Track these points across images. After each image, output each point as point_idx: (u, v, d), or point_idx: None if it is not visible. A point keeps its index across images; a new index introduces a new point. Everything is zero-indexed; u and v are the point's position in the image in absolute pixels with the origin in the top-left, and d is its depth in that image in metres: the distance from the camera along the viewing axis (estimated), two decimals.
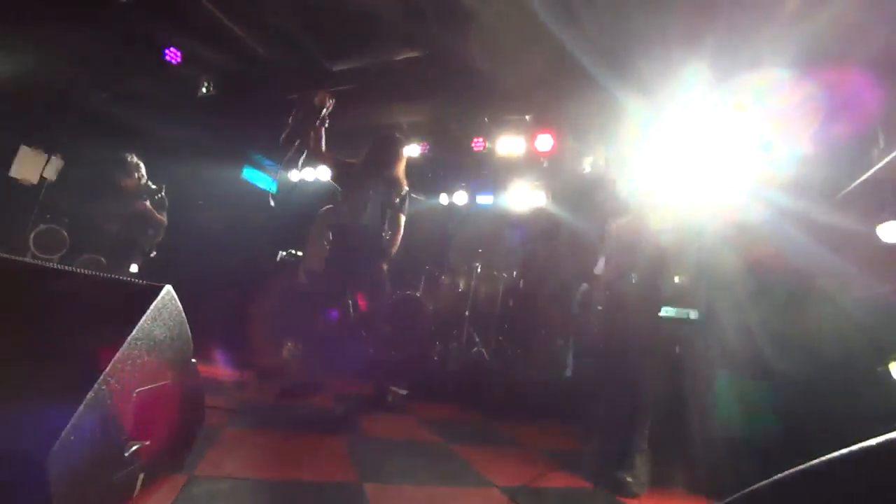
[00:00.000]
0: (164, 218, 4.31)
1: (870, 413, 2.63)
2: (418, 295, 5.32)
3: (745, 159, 3.63)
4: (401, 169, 3.30)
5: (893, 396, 2.59)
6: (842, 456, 0.43)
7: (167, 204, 4.37)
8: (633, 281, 2.46)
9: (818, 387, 2.84)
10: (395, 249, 3.24)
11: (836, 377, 2.83)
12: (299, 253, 5.33)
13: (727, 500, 0.50)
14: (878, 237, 3.03)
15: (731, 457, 2.71)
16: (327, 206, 4.63)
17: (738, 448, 2.79)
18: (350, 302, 3.22)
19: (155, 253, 4.37)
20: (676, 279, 3.70)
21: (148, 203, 4.13)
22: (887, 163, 3.06)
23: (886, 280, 2.98)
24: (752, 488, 0.47)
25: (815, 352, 2.88)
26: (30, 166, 5.32)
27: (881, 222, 3.02)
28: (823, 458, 0.43)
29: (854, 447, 0.43)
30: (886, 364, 2.71)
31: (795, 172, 3.16)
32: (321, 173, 6.67)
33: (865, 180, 3.17)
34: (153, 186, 4.30)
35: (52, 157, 5.51)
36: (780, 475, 0.45)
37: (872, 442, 0.42)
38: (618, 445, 2.27)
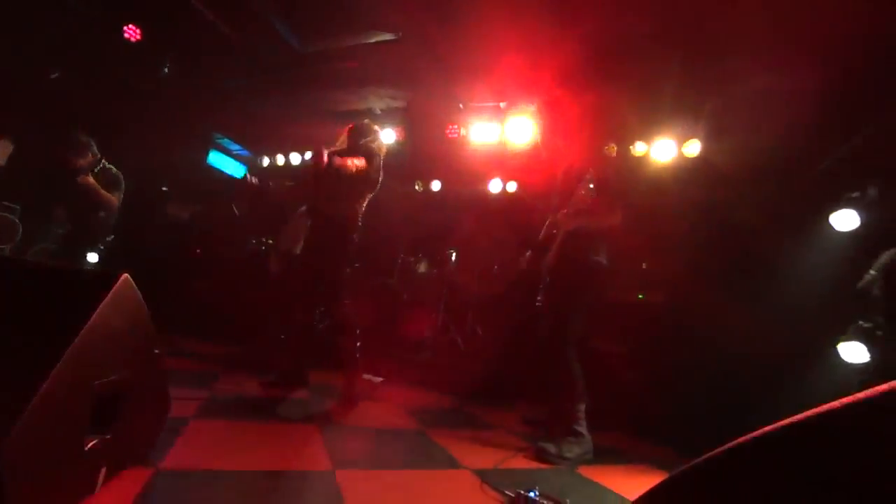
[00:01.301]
0: (114, 196, 3.87)
1: (821, 388, 2.80)
2: (392, 282, 5.31)
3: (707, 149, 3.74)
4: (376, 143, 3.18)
5: (842, 373, 2.75)
6: (791, 424, 0.46)
7: (122, 182, 3.95)
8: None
9: (775, 364, 3.00)
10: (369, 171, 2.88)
11: (791, 356, 2.99)
12: (270, 241, 5.21)
13: (683, 467, 0.53)
14: (831, 225, 3.17)
15: (695, 431, 2.85)
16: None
17: (700, 422, 2.93)
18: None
19: (112, 237, 4.02)
20: (643, 265, 3.82)
21: (90, 178, 3.70)
22: (841, 152, 3.21)
23: (836, 266, 3.14)
24: (707, 455, 0.49)
25: (773, 332, 3.03)
26: None
27: (834, 211, 3.17)
28: (772, 427, 0.45)
29: (801, 416, 0.46)
30: (836, 344, 2.86)
31: (754, 161, 3.28)
32: (293, 159, 6.55)
33: (820, 170, 3.32)
34: (107, 165, 3.92)
35: (1, 141, 5.18)
36: (732, 443, 0.48)
37: (815, 411, 0.44)
38: (557, 422, 2.42)
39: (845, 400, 0.40)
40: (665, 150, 4.31)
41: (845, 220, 3.13)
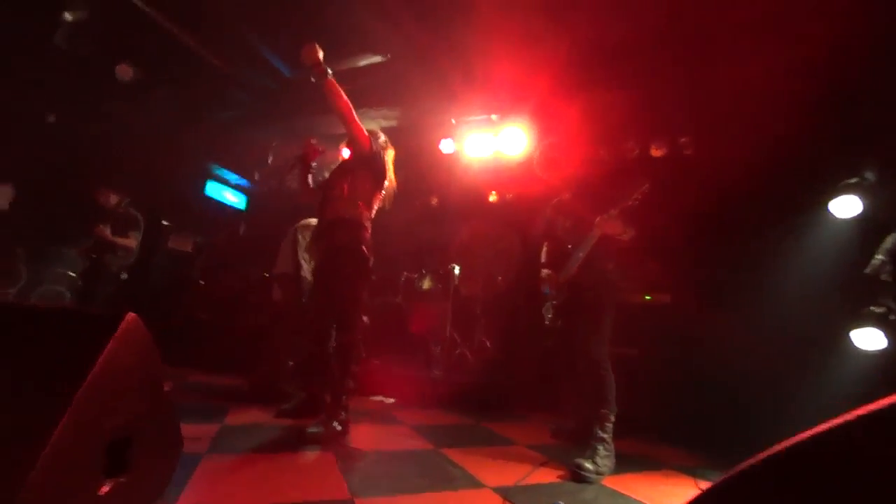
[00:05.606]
0: (130, 238, 4.22)
1: (839, 378, 2.76)
2: (397, 301, 5.29)
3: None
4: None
5: (858, 362, 2.71)
6: (827, 432, 0.44)
7: (141, 223, 4.31)
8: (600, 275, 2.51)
9: (787, 358, 2.96)
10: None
11: (804, 348, 2.95)
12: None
13: (718, 480, 0.51)
14: (832, 213, 3.17)
15: (713, 432, 2.80)
16: (306, 221, 4.44)
17: (717, 422, 2.88)
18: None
19: (126, 276, 4.26)
20: (649, 265, 3.79)
21: (109, 231, 4.09)
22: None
23: (840, 254, 3.12)
24: (741, 466, 0.47)
25: (783, 325, 3.00)
26: None
27: (833, 198, 3.16)
28: (809, 434, 0.43)
29: (836, 421, 0.44)
30: (849, 331, 2.83)
31: (748, 156, 3.28)
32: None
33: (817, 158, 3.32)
34: (128, 206, 4.34)
35: (3, 187, 5.22)
36: (766, 452, 0.46)
37: (860, 412, 0.42)
38: (588, 434, 2.36)
39: (892, 398, 0.39)
40: (660, 147, 4.34)
41: (846, 206, 3.12)
